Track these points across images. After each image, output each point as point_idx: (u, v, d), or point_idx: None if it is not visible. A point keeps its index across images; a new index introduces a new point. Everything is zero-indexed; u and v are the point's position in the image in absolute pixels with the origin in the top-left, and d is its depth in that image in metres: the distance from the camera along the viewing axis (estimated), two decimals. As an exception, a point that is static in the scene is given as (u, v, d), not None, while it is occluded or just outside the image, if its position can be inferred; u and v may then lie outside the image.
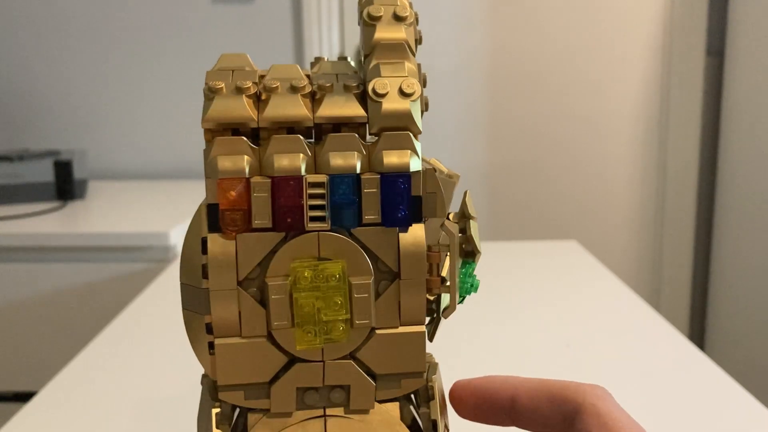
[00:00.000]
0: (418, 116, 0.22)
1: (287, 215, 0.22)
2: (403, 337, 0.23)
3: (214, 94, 0.22)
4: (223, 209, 0.22)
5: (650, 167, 1.82)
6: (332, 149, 0.22)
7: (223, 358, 0.22)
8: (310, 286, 0.22)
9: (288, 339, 0.22)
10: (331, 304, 0.22)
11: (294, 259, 0.22)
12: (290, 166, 0.22)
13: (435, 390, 0.25)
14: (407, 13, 0.23)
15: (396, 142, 0.22)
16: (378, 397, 0.24)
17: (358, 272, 0.22)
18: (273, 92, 0.22)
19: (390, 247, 0.23)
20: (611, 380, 0.62)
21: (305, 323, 0.22)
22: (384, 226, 0.22)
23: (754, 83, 1.60)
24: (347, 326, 0.22)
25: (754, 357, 1.59)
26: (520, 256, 1.01)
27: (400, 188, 0.22)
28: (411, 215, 0.22)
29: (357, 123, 0.23)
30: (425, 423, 0.25)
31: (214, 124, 0.22)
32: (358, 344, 0.23)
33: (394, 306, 0.23)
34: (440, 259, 0.24)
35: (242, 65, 0.24)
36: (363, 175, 0.22)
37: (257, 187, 0.22)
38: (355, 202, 0.22)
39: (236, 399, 0.23)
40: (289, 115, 0.22)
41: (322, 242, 0.22)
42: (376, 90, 0.22)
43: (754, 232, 1.59)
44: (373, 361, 0.23)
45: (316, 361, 0.23)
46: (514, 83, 1.78)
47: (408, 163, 0.22)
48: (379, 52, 0.23)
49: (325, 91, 0.22)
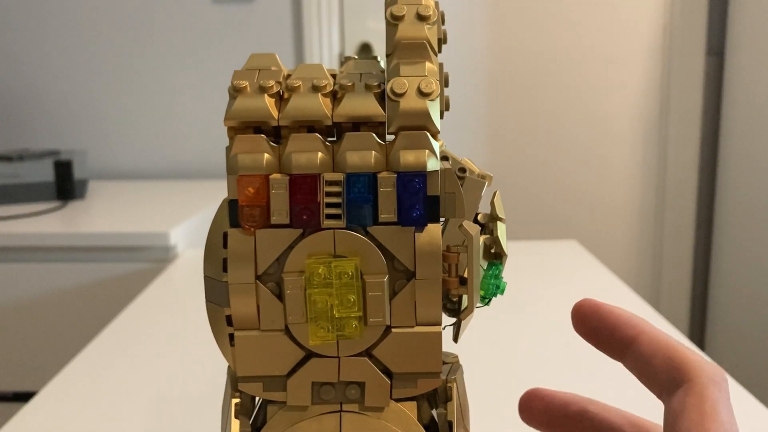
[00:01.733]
0: (437, 116, 0.22)
1: (304, 212, 0.22)
2: (419, 336, 0.23)
3: (237, 93, 0.22)
4: (242, 205, 0.22)
5: (650, 167, 1.82)
6: (349, 148, 0.22)
7: (242, 350, 0.23)
8: (324, 282, 0.22)
9: (303, 334, 0.23)
10: (344, 301, 0.22)
11: (310, 255, 0.22)
12: (307, 164, 0.22)
13: (454, 391, 0.25)
14: (430, 13, 0.23)
15: (413, 141, 0.22)
16: (394, 396, 0.24)
17: (372, 270, 0.22)
18: (295, 91, 0.23)
19: (406, 246, 0.23)
20: (611, 380, 0.62)
21: (318, 319, 0.22)
22: (400, 225, 0.23)
23: (754, 83, 1.60)
24: (360, 323, 0.22)
25: (754, 357, 1.59)
26: (520, 255, 1.01)
27: (416, 188, 0.22)
28: (427, 215, 0.22)
29: (376, 122, 0.23)
30: (442, 424, 0.25)
31: (236, 122, 0.22)
32: (373, 342, 0.23)
33: (410, 305, 0.23)
34: (458, 260, 0.24)
35: (269, 65, 0.24)
36: (379, 174, 0.22)
37: (275, 184, 0.22)
38: (371, 201, 0.22)
39: (255, 390, 0.23)
40: (308, 113, 0.22)
41: (337, 240, 0.22)
42: (394, 89, 0.22)
43: (754, 232, 1.59)
44: (390, 360, 0.23)
45: (331, 357, 0.23)
46: (514, 83, 1.78)
47: (425, 163, 0.22)
48: (400, 51, 0.23)
49: (346, 91, 0.23)
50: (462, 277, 0.24)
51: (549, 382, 0.60)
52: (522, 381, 0.60)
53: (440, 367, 0.24)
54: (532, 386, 0.28)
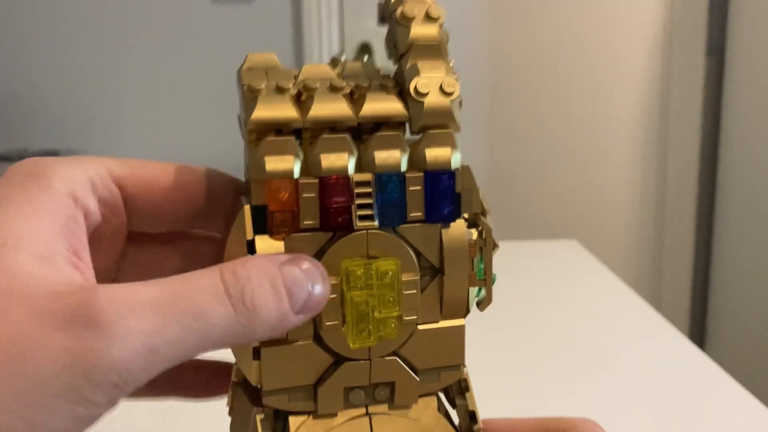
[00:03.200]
0: (458, 114, 0.23)
1: (337, 215, 0.22)
2: (443, 331, 0.24)
3: (255, 94, 0.22)
4: (273, 210, 0.21)
5: (650, 167, 1.82)
6: (377, 148, 0.22)
7: (270, 364, 0.22)
8: (364, 284, 0.22)
9: (337, 339, 0.22)
10: (383, 301, 0.22)
11: (343, 258, 0.22)
12: (338, 166, 0.22)
13: (469, 382, 0.25)
14: (439, 14, 0.24)
15: (438, 139, 0.23)
16: (419, 392, 0.24)
17: (405, 269, 0.23)
18: (314, 92, 0.22)
19: (433, 243, 0.23)
20: (611, 380, 0.62)
21: (359, 321, 0.22)
22: (427, 222, 0.23)
23: (754, 83, 1.60)
24: (399, 323, 0.22)
25: (754, 357, 1.59)
26: (520, 255, 1.01)
27: (446, 185, 0.23)
28: (455, 211, 0.23)
29: (397, 122, 0.23)
30: (462, 415, 0.25)
31: (260, 125, 0.22)
32: (404, 340, 0.23)
33: (435, 301, 0.23)
34: (476, 254, 0.24)
35: (272, 65, 0.23)
36: (407, 173, 0.22)
37: (305, 187, 0.22)
38: (403, 200, 0.22)
39: (280, 403, 0.23)
40: (334, 115, 0.22)
41: (370, 241, 0.22)
42: (418, 89, 0.22)
43: (754, 232, 1.59)
44: (415, 357, 0.24)
45: (363, 360, 0.23)
46: (514, 83, 1.78)
47: (451, 160, 0.23)
48: (416, 51, 0.23)
49: (364, 91, 0.23)
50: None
51: (549, 382, 0.60)
52: (522, 381, 0.60)
53: (463, 359, 0.24)
54: (531, 386, 0.28)
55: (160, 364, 0.18)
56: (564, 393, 0.58)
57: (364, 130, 0.23)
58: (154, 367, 0.18)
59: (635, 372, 0.63)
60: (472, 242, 0.24)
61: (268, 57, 0.24)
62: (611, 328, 0.73)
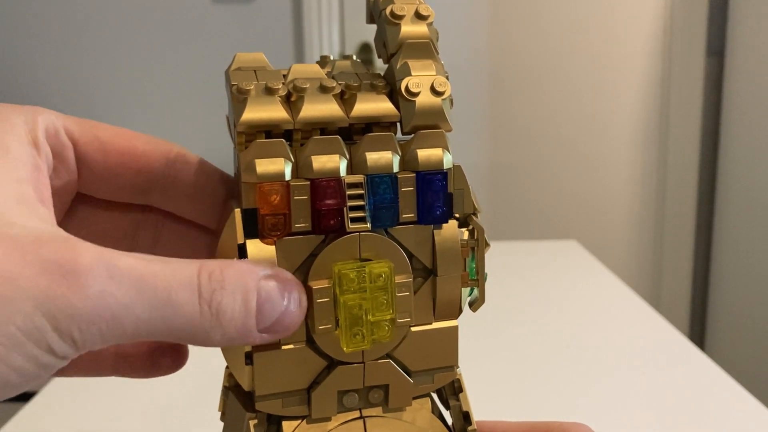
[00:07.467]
0: (449, 114, 0.23)
1: (329, 217, 0.21)
2: (437, 332, 0.24)
3: (244, 95, 0.21)
4: (265, 214, 0.21)
5: (650, 167, 1.82)
6: (369, 149, 0.22)
7: (262, 369, 0.22)
8: (357, 287, 0.22)
9: (330, 342, 0.22)
10: (377, 304, 0.22)
11: (335, 260, 0.22)
12: (330, 168, 0.21)
13: (462, 382, 0.25)
14: (429, 12, 0.23)
15: (430, 140, 0.22)
16: (413, 394, 0.24)
17: (398, 271, 0.22)
18: (304, 93, 0.22)
19: (425, 244, 0.23)
20: (611, 380, 0.62)
21: (353, 325, 0.22)
22: (420, 224, 0.22)
23: (754, 83, 1.60)
24: (392, 326, 0.22)
25: (754, 357, 1.59)
26: (520, 255, 1.01)
27: (438, 186, 0.22)
28: (448, 212, 0.23)
29: (388, 122, 0.23)
30: (456, 416, 0.25)
31: (250, 127, 0.21)
32: (398, 343, 0.23)
33: (428, 303, 0.23)
34: (468, 254, 0.24)
35: (261, 64, 0.23)
36: (399, 174, 0.22)
37: (297, 190, 0.21)
38: (395, 201, 0.22)
39: (274, 408, 0.23)
40: (325, 116, 0.22)
41: (363, 243, 0.22)
42: (409, 89, 0.22)
43: (754, 232, 1.59)
44: (409, 359, 0.23)
45: (356, 363, 0.23)
46: (514, 83, 1.78)
47: (443, 161, 0.22)
48: (406, 50, 0.23)
49: (355, 91, 0.22)
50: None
51: (549, 381, 0.60)
52: (522, 381, 0.60)
53: (457, 360, 0.24)
54: (532, 386, 0.28)
55: (118, 336, 0.18)
56: (564, 393, 0.58)
57: (355, 130, 0.23)
58: (111, 337, 0.18)
59: (635, 372, 0.63)
60: (464, 242, 0.23)
61: (257, 57, 0.23)
62: (611, 329, 0.73)
